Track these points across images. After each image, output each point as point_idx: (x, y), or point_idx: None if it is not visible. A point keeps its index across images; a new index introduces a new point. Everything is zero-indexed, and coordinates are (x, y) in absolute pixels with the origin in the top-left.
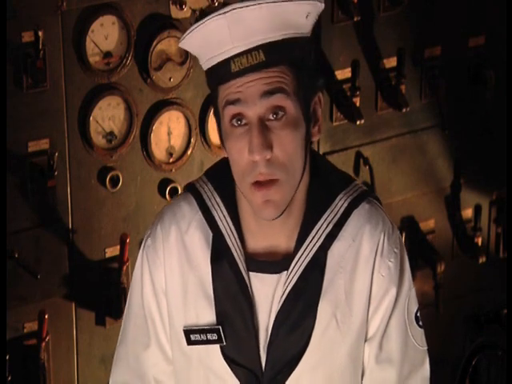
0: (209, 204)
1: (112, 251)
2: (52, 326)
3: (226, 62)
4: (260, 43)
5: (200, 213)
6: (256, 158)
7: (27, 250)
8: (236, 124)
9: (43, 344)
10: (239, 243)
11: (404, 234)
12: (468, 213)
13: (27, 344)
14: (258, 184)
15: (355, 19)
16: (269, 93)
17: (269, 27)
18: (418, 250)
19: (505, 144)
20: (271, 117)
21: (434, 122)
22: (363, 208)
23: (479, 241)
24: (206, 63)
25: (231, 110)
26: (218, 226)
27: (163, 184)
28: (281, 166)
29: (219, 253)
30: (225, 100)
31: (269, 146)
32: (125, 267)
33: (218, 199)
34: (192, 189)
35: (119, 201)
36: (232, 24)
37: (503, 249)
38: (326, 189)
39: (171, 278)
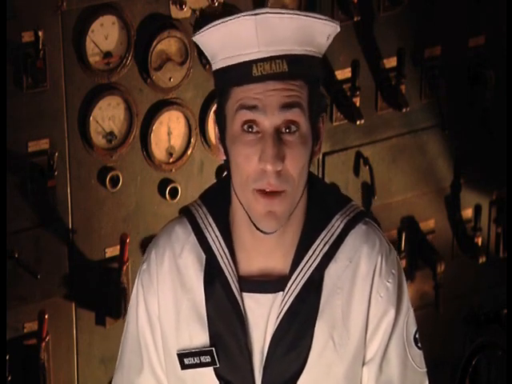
0: (202, 226)
1: (112, 251)
2: (52, 325)
3: (247, 65)
4: (284, 53)
5: (193, 235)
6: (268, 169)
7: (27, 250)
8: (247, 130)
9: (43, 344)
10: (232, 264)
11: (404, 234)
12: (468, 213)
13: (27, 344)
14: (264, 192)
15: (355, 19)
16: (288, 106)
17: (295, 40)
18: (418, 249)
19: (505, 144)
20: (284, 130)
21: (434, 122)
22: (360, 229)
23: (479, 241)
24: (221, 62)
25: (246, 116)
26: (210, 247)
27: (163, 184)
28: (289, 179)
29: (212, 274)
30: (239, 103)
31: (282, 158)
32: (125, 267)
33: (211, 220)
34: (186, 212)
35: (119, 201)
36: (261, 27)
37: (503, 249)
38: (322, 209)
39: (165, 303)
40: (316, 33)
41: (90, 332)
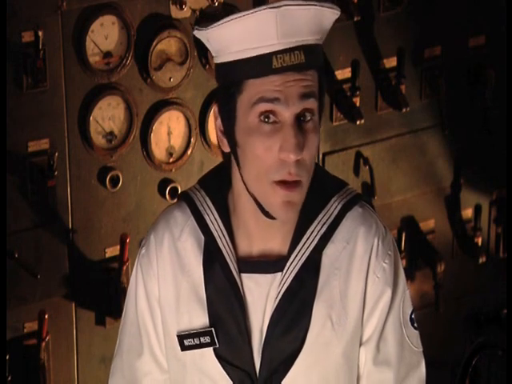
0: (201, 208)
1: (112, 251)
2: (52, 325)
3: (266, 57)
4: (301, 44)
5: (192, 218)
6: (292, 158)
7: (27, 250)
8: (264, 120)
9: (43, 344)
10: (230, 245)
11: (404, 234)
12: (468, 213)
13: (27, 344)
14: (283, 183)
15: (355, 19)
16: (306, 95)
17: (310, 30)
18: (418, 249)
19: (504, 144)
20: (301, 118)
21: (434, 122)
22: (356, 211)
23: (479, 241)
24: (237, 54)
25: (265, 107)
26: (209, 229)
27: (163, 184)
28: (306, 167)
29: (211, 256)
30: (259, 96)
31: (303, 147)
32: (125, 267)
33: (210, 203)
34: (185, 196)
35: (119, 201)
36: (281, 19)
37: (503, 249)
38: (320, 192)
39: (164, 286)
40: (326, 21)
41: (90, 332)
